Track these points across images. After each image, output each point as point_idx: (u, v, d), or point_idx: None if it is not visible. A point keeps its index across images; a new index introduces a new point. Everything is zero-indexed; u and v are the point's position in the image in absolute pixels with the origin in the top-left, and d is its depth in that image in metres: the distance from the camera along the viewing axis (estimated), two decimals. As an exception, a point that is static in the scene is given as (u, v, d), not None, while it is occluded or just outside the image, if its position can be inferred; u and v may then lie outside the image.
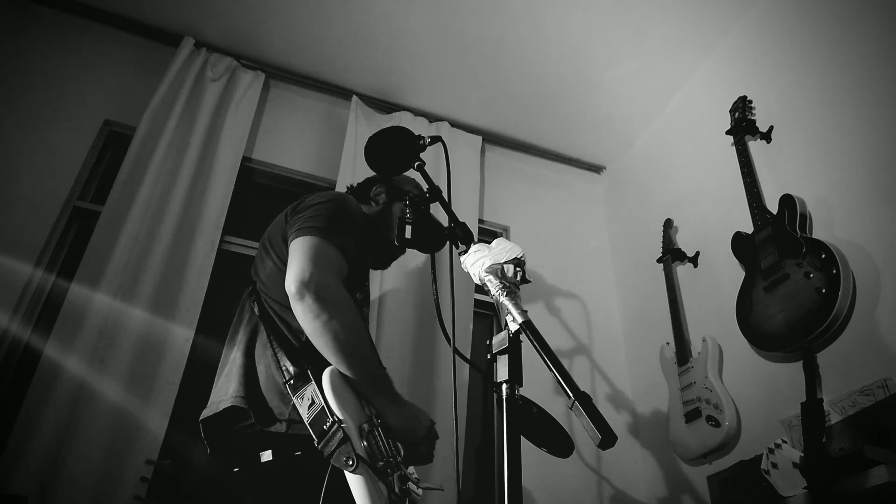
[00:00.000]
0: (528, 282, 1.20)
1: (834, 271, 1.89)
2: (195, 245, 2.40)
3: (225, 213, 2.53)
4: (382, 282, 2.63)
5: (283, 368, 1.35)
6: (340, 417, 1.21)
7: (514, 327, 1.03)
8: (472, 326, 2.70)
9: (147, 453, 2.00)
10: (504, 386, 0.98)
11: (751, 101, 2.51)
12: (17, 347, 2.16)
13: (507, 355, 1.00)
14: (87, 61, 2.74)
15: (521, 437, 0.94)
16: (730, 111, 2.53)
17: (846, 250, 1.96)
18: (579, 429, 2.04)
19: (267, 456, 1.21)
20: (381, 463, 1.22)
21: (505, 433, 0.93)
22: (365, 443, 1.22)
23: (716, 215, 2.66)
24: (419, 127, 3.16)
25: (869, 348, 1.86)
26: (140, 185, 2.41)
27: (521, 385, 0.99)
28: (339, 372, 1.30)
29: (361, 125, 3.00)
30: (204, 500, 1.36)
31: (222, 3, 2.79)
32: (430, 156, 2.88)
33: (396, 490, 1.24)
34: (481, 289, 1.20)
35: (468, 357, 2.46)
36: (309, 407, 1.25)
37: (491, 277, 1.15)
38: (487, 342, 1.05)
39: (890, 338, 1.81)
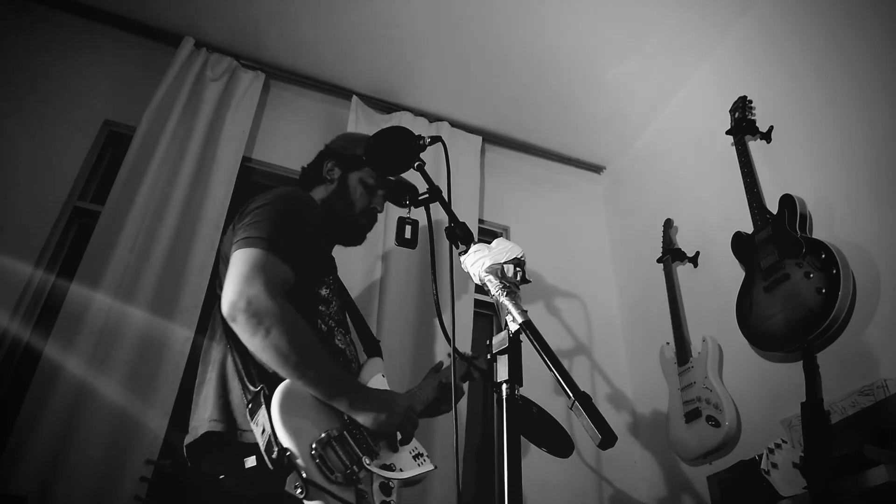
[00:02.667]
0: (528, 282, 1.20)
1: (834, 271, 1.89)
2: (195, 245, 2.40)
3: (225, 213, 2.53)
4: (383, 282, 2.63)
5: (245, 389, 1.33)
6: (285, 446, 1.18)
7: (514, 327, 1.03)
8: (472, 326, 2.70)
9: (147, 453, 2.00)
10: (504, 386, 0.98)
11: (751, 101, 2.51)
12: (17, 347, 2.16)
13: (507, 355, 1.00)
14: (87, 61, 2.74)
15: (521, 436, 0.94)
16: (730, 111, 2.53)
17: (846, 250, 1.96)
18: (579, 429, 2.04)
19: (251, 461, 1.20)
20: (338, 475, 1.20)
21: (505, 433, 0.93)
22: (318, 461, 1.19)
23: (716, 215, 2.66)
24: (419, 127, 3.16)
25: (869, 348, 1.86)
26: (140, 185, 2.41)
27: (521, 385, 0.99)
28: (290, 389, 1.27)
29: (361, 125, 2.99)
30: (204, 500, 1.35)
31: (222, 3, 2.79)
32: (431, 156, 2.88)
33: (370, 493, 1.24)
34: (481, 289, 1.20)
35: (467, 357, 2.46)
36: (261, 434, 1.22)
37: (491, 277, 1.15)
38: (487, 342, 1.05)
39: (890, 338, 1.81)
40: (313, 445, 1.21)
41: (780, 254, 2.10)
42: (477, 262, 1.21)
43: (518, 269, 1.18)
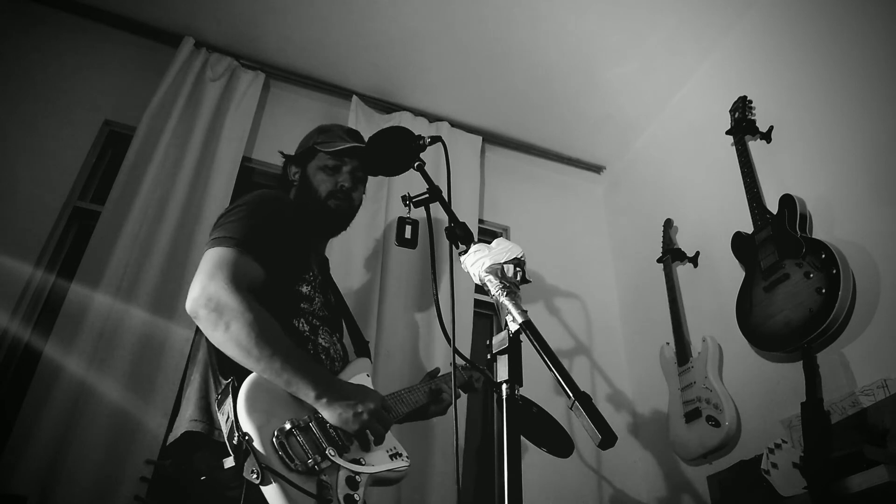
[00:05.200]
0: (528, 282, 1.20)
1: (834, 271, 1.89)
2: (195, 245, 2.39)
3: (225, 213, 2.53)
4: (383, 283, 2.63)
5: (217, 384, 1.35)
6: (245, 430, 1.20)
7: (514, 327, 1.03)
8: (472, 326, 2.70)
9: (147, 453, 2.00)
10: (504, 386, 0.98)
11: (751, 101, 2.51)
12: (17, 347, 2.16)
13: (507, 355, 1.00)
14: (87, 61, 2.74)
15: (521, 436, 0.94)
16: (730, 111, 2.53)
17: (846, 250, 1.96)
18: (579, 429, 2.04)
19: (229, 462, 1.20)
20: (298, 463, 1.20)
21: (505, 433, 0.93)
22: (278, 448, 1.20)
23: (716, 215, 2.66)
24: (419, 127, 3.16)
25: (869, 348, 1.86)
26: (140, 185, 2.41)
27: (521, 385, 0.99)
28: (259, 380, 1.29)
29: (361, 125, 2.99)
30: (205, 500, 1.35)
31: (222, 3, 2.79)
32: (431, 156, 2.88)
33: (333, 486, 1.23)
34: (481, 289, 1.20)
35: (468, 357, 2.46)
36: (226, 422, 1.23)
37: (491, 277, 1.15)
38: (487, 342, 1.05)
39: (890, 338, 1.81)
40: (275, 433, 1.22)
41: (780, 254, 2.10)
42: (477, 262, 1.21)
43: (518, 269, 1.18)
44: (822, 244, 1.97)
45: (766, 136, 2.44)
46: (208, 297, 1.31)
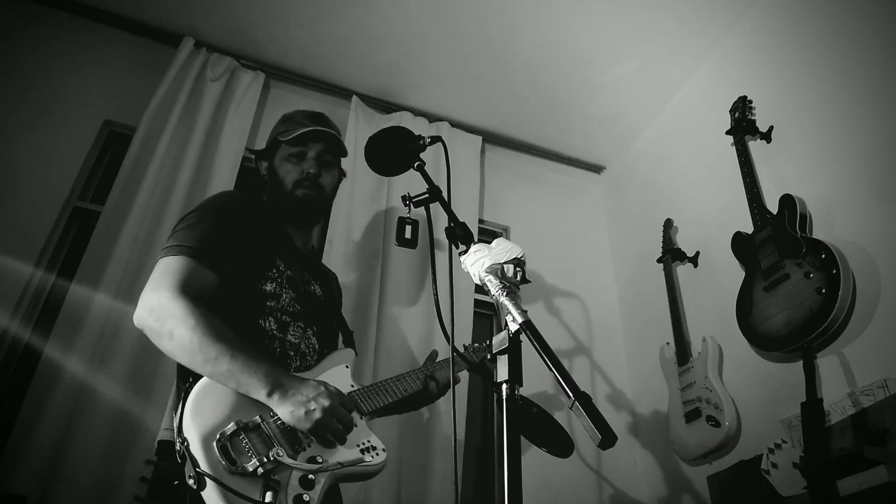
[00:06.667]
0: (528, 282, 1.20)
1: (834, 271, 1.89)
2: (195, 245, 2.39)
3: (225, 213, 2.53)
4: (383, 282, 2.63)
5: (179, 390, 1.35)
6: (185, 436, 1.19)
7: (514, 327, 1.03)
8: (472, 326, 2.70)
9: (147, 453, 1.99)
10: (504, 386, 0.98)
11: (751, 101, 2.51)
12: (17, 347, 2.16)
13: (507, 355, 1.00)
14: (87, 61, 2.74)
15: (521, 436, 0.94)
16: (730, 111, 2.53)
17: (846, 250, 1.96)
18: (579, 429, 2.04)
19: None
20: (241, 466, 1.18)
21: (505, 433, 0.93)
22: (220, 452, 1.18)
23: (716, 215, 2.66)
24: (419, 127, 3.16)
25: (869, 348, 1.86)
26: (140, 185, 2.41)
27: (521, 385, 0.99)
28: (208, 384, 1.28)
29: (361, 125, 2.99)
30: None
31: (222, 4, 2.79)
32: (431, 156, 2.87)
33: (282, 486, 1.21)
34: (481, 289, 1.19)
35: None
36: (175, 428, 1.24)
37: (491, 277, 1.15)
38: (487, 342, 1.05)
39: (890, 338, 1.81)
40: (217, 436, 1.21)
41: (780, 254, 2.10)
42: (477, 262, 1.21)
43: (518, 269, 1.18)
44: (822, 244, 1.97)
45: (766, 136, 2.44)
46: (151, 309, 1.32)
